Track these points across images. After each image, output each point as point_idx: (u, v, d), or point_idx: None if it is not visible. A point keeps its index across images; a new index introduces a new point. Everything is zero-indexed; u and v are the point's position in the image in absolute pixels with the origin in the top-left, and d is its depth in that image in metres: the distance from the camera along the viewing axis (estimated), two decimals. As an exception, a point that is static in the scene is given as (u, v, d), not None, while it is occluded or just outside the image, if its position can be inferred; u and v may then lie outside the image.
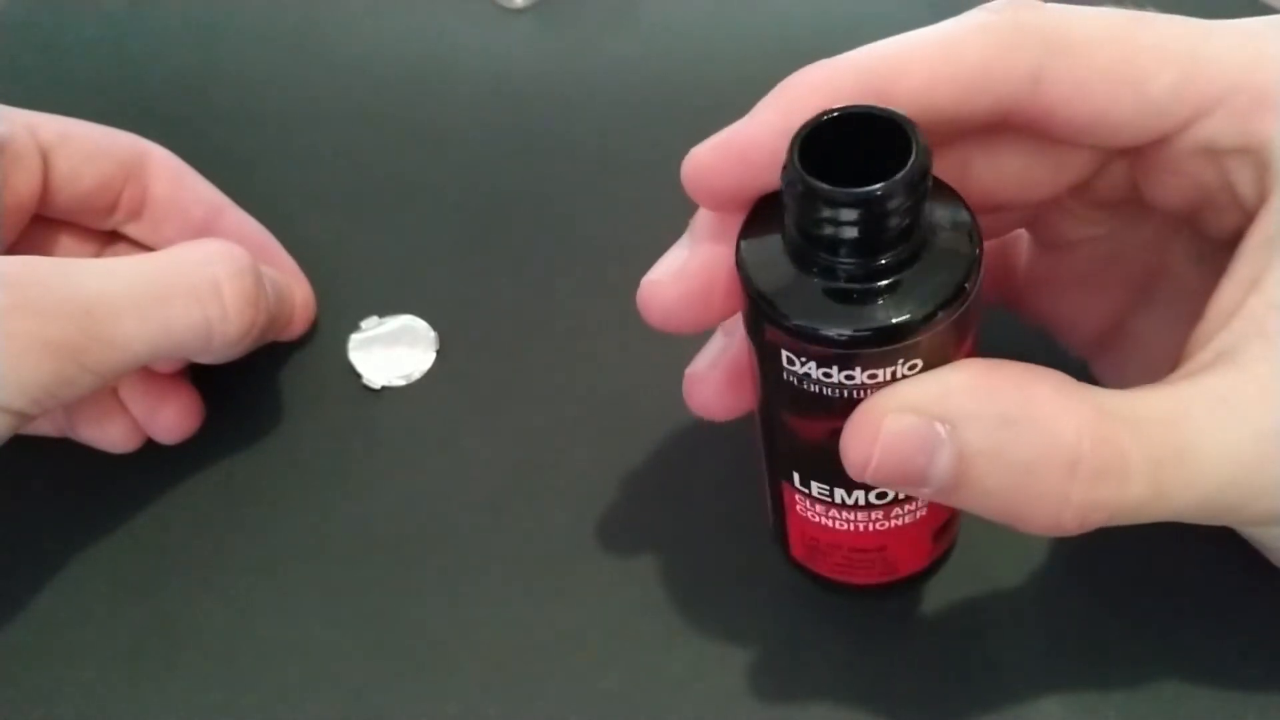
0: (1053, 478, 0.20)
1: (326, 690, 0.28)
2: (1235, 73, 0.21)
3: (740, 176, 0.22)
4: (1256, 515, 0.22)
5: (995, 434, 0.20)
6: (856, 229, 0.20)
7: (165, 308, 0.26)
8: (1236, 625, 0.28)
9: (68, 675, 0.28)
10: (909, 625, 0.29)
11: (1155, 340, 0.26)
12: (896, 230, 0.20)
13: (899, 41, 0.22)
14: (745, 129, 0.22)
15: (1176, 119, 0.22)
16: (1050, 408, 0.20)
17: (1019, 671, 0.28)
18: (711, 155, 0.22)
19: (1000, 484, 0.20)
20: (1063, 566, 0.29)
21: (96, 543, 0.30)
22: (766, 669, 0.28)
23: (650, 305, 0.24)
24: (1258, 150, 0.22)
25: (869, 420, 0.20)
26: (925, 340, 0.20)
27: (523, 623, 0.29)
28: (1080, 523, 0.20)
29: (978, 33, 0.22)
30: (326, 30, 0.40)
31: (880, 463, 0.20)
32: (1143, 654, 0.28)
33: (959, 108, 0.22)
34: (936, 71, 0.22)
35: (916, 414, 0.20)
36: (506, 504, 0.31)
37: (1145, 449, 0.20)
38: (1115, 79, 0.22)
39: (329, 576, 0.30)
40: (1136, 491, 0.20)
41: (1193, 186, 0.23)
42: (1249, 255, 0.21)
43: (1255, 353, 0.20)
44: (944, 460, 0.20)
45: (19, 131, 0.29)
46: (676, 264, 0.24)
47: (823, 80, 0.22)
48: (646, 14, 0.41)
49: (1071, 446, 0.19)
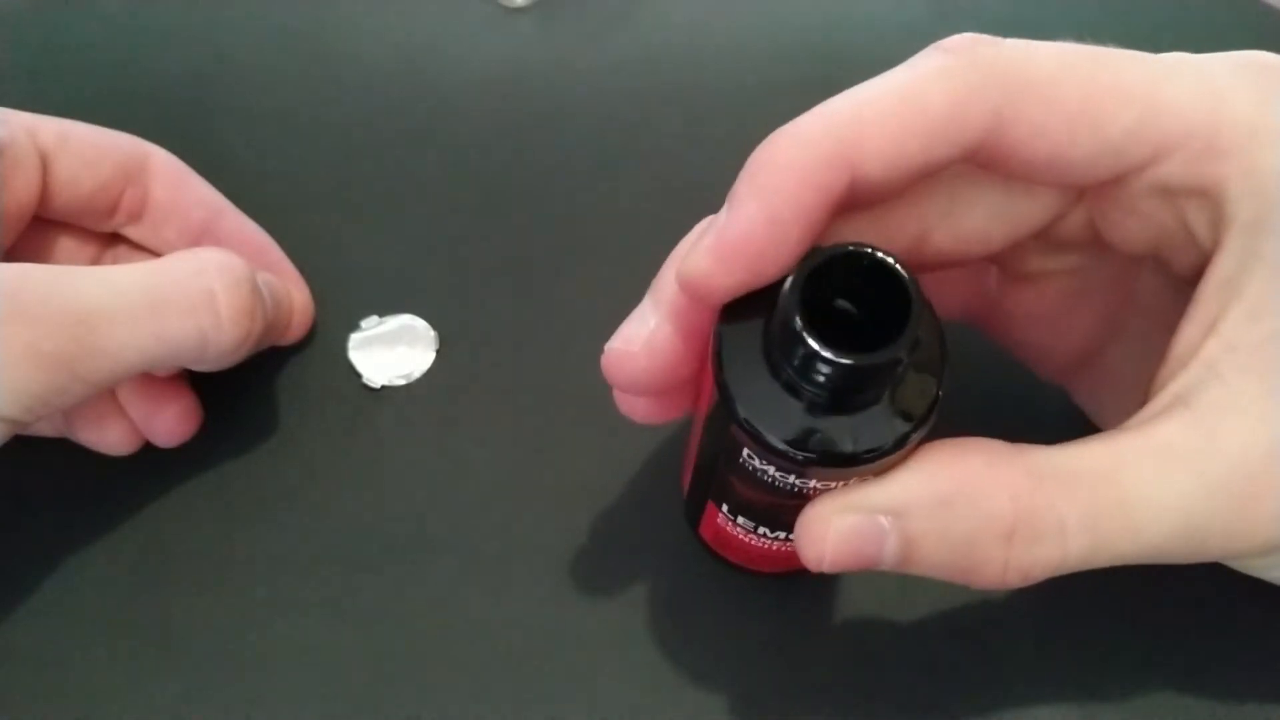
0: (991, 546, 0.21)
1: (325, 691, 0.28)
2: (1192, 116, 0.21)
3: (735, 279, 0.21)
4: (1213, 558, 0.22)
5: (935, 516, 0.21)
6: (838, 383, 0.20)
7: (160, 318, 0.26)
8: (1234, 628, 0.28)
9: (66, 676, 0.28)
10: (905, 627, 0.29)
11: (1128, 368, 0.27)
12: (875, 386, 0.20)
13: (861, 98, 0.22)
14: (732, 229, 0.21)
15: (1134, 160, 0.22)
16: (983, 482, 0.21)
17: (1015, 673, 0.28)
18: (707, 263, 0.21)
19: (945, 558, 0.22)
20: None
21: (95, 544, 0.30)
22: (764, 672, 0.28)
23: (618, 372, 0.24)
24: (1212, 193, 0.22)
25: (818, 524, 0.22)
26: (881, 463, 0.21)
27: (523, 622, 0.29)
28: (1023, 580, 0.21)
29: (939, 79, 0.22)
30: (327, 31, 0.40)
31: (834, 559, 0.22)
32: (1139, 656, 0.28)
33: (926, 157, 0.22)
34: (902, 127, 0.21)
35: (859, 512, 0.21)
36: (506, 503, 0.31)
37: (1081, 506, 0.21)
38: (1074, 120, 0.22)
39: (328, 576, 0.30)
40: (1077, 546, 0.21)
41: (1151, 227, 0.23)
42: (1206, 298, 0.22)
43: (1209, 398, 0.21)
44: (891, 546, 0.21)
45: (18, 134, 0.29)
46: (644, 333, 0.23)
47: (793, 157, 0.21)
48: (647, 14, 0.41)
49: (1006, 517, 0.21)
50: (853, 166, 0.21)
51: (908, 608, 0.29)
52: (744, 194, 0.21)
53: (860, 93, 0.22)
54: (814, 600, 0.29)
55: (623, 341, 0.24)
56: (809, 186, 0.21)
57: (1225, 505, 0.21)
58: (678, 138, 0.38)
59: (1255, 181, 0.21)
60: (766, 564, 0.27)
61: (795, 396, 0.21)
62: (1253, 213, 0.21)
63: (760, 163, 0.22)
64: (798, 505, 0.22)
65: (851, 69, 0.24)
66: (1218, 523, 0.21)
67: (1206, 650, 0.28)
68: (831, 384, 0.20)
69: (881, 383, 0.20)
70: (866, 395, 0.21)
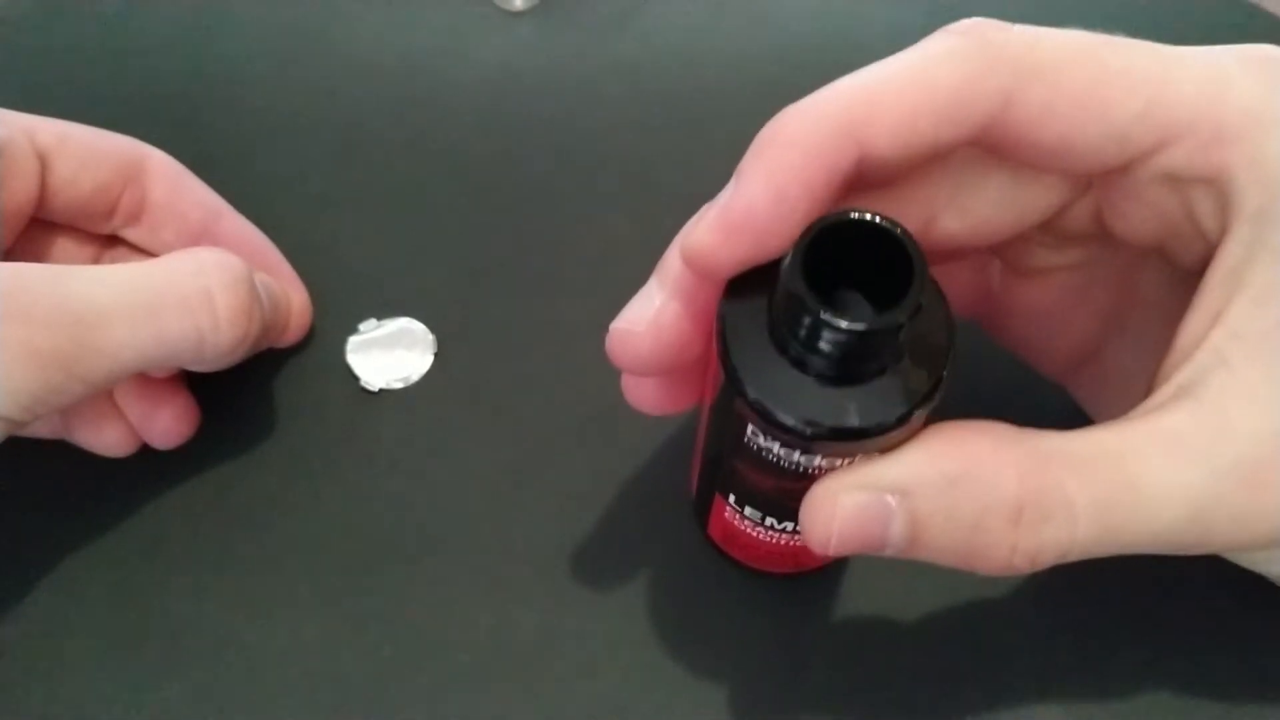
0: (999, 528, 0.21)
1: (324, 692, 0.28)
2: (1199, 103, 0.21)
3: (740, 253, 0.21)
4: (1219, 548, 0.22)
5: (942, 496, 0.21)
6: (842, 350, 0.20)
7: (157, 317, 0.26)
8: (1236, 631, 0.28)
9: (64, 677, 0.28)
10: (909, 628, 0.29)
11: (1130, 366, 0.27)
12: (879, 354, 0.20)
13: (870, 77, 0.22)
14: (737, 203, 0.21)
15: (1141, 147, 0.22)
16: (991, 462, 0.21)
17: (1017, 674, 0.28)
18: (710, 236, 0.21)
19: (952, 540, 0.21)
20: (1060, 569, 0.29)
21: (92, 545, 0.30)
22: (761, 675, 0.28)
23: (622, 352, 0.24)
24: (1219, 181, 0.22)
25: (825, 502, 0.21)
26: (887, 438, 0.21)
27: (521, 624, 0.29)
28: (1031, 564, 0.21)
29: (948, 60, 0.22)
30: (326, 33, 0.40)
31: (840, 539, 0.21)
32: (1140, 658, 0.28)
33: (934, 137, 0.22)
34: (911, 106, 0.21)
35: (866, 490, 0.21)
36: (504, 506, 0.31)
37: (1090, 490, 0.21)
38: (1082, 105, 0.22)
39: (326, 579, 0.30)
40: (1084, 531, 0.21)
41: (1157, 217, 0.23)
42: (1212, 288, 0.22)
43: (1216, 386, 0.21)
44: (898, 527, 0.21)
45: (17, 135, 0.29)
46: (649, 313, 0.23)
47: (801, 133, 0.21)
48: (646, 17, 0.41)
49: (1013, 497, 0.21)
50: (860, 144, 0.21)
51: (912, 609, 0.29)
52: (750, 168, 0.22)
53: (869, 72, 0.22)
54: (818, 601, 0.29)
55: (627, 321, 0.24)
56: (815, 162, 0.21)
57: (1232, 493, 0.21)
58: (676, 141, 0.38)
59: (1262, 170, 0.21)
60: (774, 562, 0.27)
61: (801, 371, 0.21)
62: (1259, 201, 0.21)
63: (767, 138, 0.22)
64: (803, 488, 0.22)
65: (849, 72, 0.24)
66: (1224, 511, 0.21)
67: (1208, 653, 0.28)
68: (835, 352, 0.20)
69: (885, 351, 0.20)
70: (871, 365, 0.20)
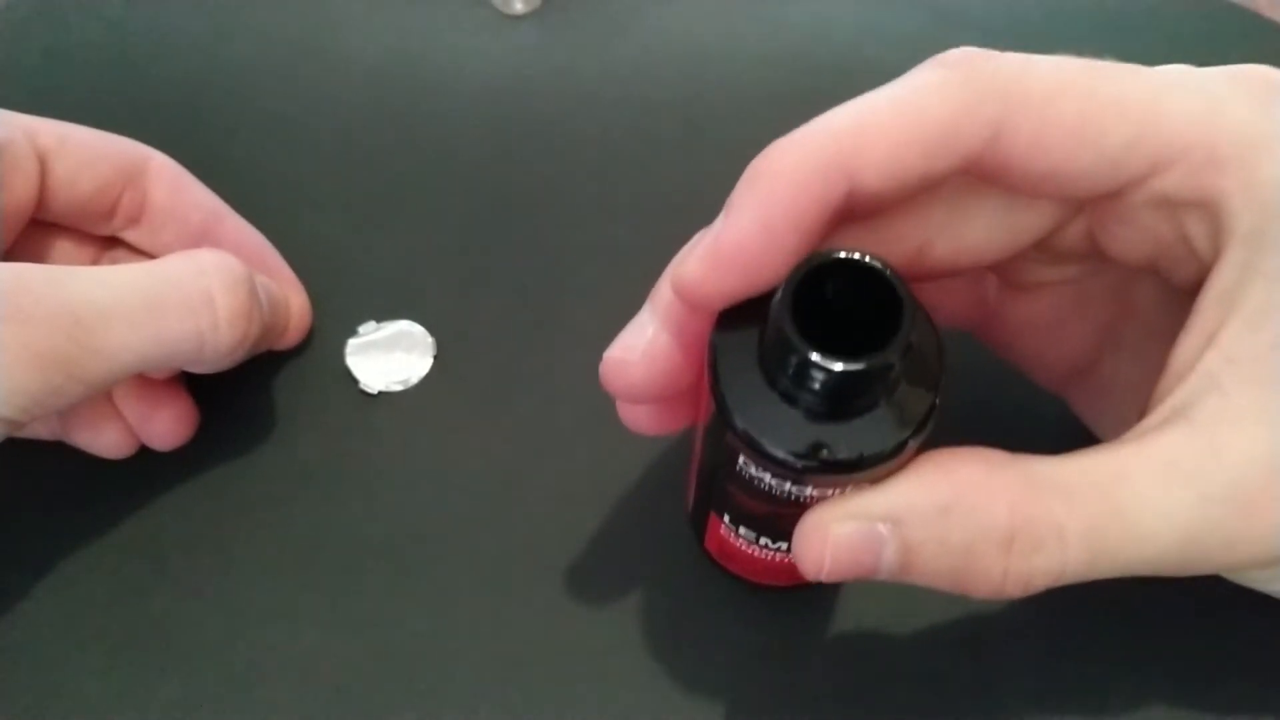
0: (990, 555, 0.21)
1: (322, 694, 0.28)
2: (1191, 129, 0.21)
3: (729, 287, 0.22)
4: (1213, 570, 0.22)
5: (934, 524, 0.21)
6: (832, 389, 0.20)
7: (156, 318, 0.26)
8: (1234, 643, 0.28)
9: (63, 678, 0.28)
10: (906, 640, 0.29)
11: (1127, 377, 0.27)
12: (869, 391, 0.20)
13: (859, 110, 0.22)
14: (726, 237, 0.21)
15: (1133, 173, 0.22)
16: (981, 490, 0.21)
17: (1014, 686, 0.28)
18: (700, 269, 0.21)
19: (944, 566, 0.21)
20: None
21: (91, 545, 0.30)
22: (764, 683, 0.28)
23: (615, 380, 0.24)
24: (1212, 205, 0.22)
25: (817, 531, 0.22)
26: (878, 469, 0.21)
27: (520, 629, 0.29)
28: (1023, 590, 0.21)
29: (937, 92, 0.22)
30: (326, 36, 0.40)
31: (833, 567, 0.22)
32: (1138, 671, 0.28)
33: (924, 169, 0.22)
34: (900, 139, 0.22)
35: (858, 520, 0.21)
36: (504, 509, 0.31)
37: (1081, 518, 0.21)
38: (1072, 134, 0.22)
39: (325, 581, 0.30)
40: (1075, 558, 0.21)
41: (1150, 240, 0.23)
42: (1205, 309, 0.22)
43: (1209, 410, 0.21)
44: (890, 554, 0.21)
45: (17, 136, 0.29)
46: (641, 342, 0.23)
47: (790, 167, 0.21)
48: (646, 21, 0.41)
49: (1005, 525, 0.21)
50: (850, 177, 0.21)
51: (909, 620, 0.29)
52: (740, 201, 0.22)
53: (859, 104, 0.22)
54: (815, 612, 0.29)
55: (621, 350, 0.24)
56: (805, 195, 0.21)
57: (1226, 517, 0.21)
58: (676, 146, 0.38)
59: (1255, 194, 0.21)
60: (771, 576, 0.27)
61: (791, 404, 0.21)
62: (1252, 225, 0.21)
63: (757, 171, 0.22)
64: (796, 514, 0.22)
65: (851, 79, 0.24)
66: (1218, 534, 0.21)
67: (1206, 665, 0.28)
68: (825, 390, 0.20)
69: (875, 388, 0.20)
70: (862, 401, 0.21)
